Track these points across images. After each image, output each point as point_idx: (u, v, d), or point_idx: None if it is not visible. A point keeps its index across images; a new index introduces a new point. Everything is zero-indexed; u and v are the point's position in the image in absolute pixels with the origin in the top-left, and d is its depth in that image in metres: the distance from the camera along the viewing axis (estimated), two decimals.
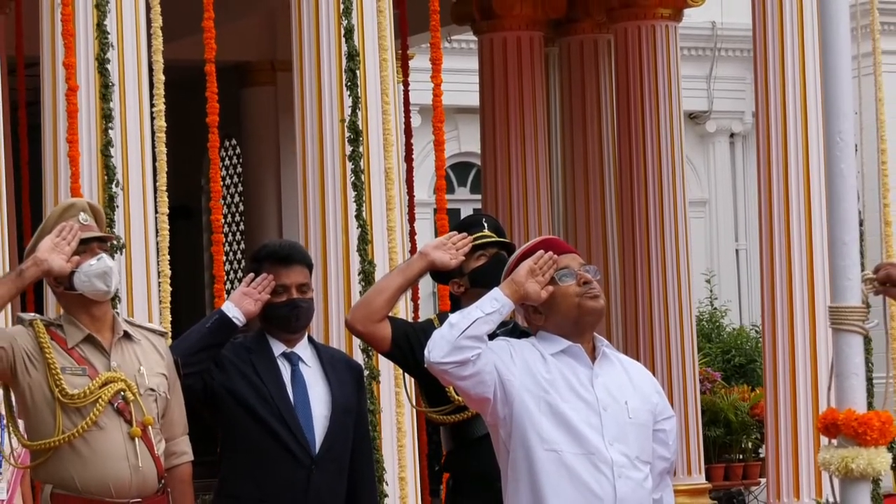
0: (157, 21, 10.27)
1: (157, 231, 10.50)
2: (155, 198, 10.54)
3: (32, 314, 6.07)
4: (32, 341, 5.85)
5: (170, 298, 10.27)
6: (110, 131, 10.24)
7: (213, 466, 6.40)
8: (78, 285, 5.88)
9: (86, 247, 5.88)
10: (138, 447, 5.85)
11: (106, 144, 10.22)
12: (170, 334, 9.55)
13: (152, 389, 5.95)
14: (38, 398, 5.82)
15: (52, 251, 5.80)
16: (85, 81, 10.24)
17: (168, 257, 10.29)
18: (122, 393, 5.86)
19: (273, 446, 6.24)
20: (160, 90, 10.26)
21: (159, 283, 10.36)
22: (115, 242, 9.86)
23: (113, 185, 10.20)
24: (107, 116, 10.25)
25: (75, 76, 10.13)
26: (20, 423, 5.97)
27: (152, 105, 10.35)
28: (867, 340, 5.03)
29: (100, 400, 5.81)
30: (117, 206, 10.21)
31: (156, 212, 10.54)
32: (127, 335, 6.01)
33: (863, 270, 4.85)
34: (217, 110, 10.75)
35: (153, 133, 10.40)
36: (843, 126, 4.99)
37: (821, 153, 11.19)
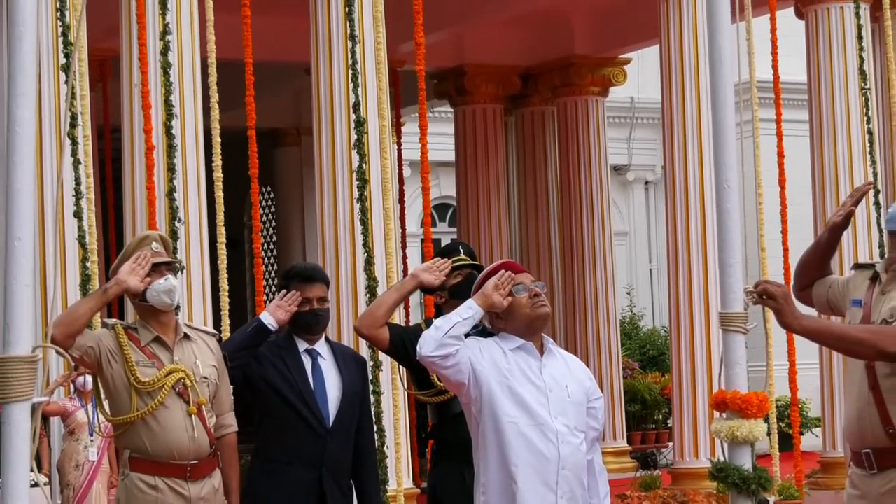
0: (215, 97, 10.24)
1: (209, 257, 10.47)
2: (209, 231, 10.52)
3: (114, 320, 6.05)
4: (114, 341, 5.83)
5: (228, 308, 10.26)
6: (174, 180, 10.22)
7: (251, 436, 6.38)
8: (149, 299, 5.86)
9: (156, 269, 5.87)
10: (194, 422, 5.83)
11: (170, 191, 10.18)
12: (227, 333, 9.55)
13: (205, 377, 5.92)
14: (119, 384, 5.80)
15: (130, 274, 5.78)
16: (157, 143, 10.22)
17: (226, 276, 10.26)
18: (183, 380, 5.83)
19: (297, 420, 6.22)
20: (217, 149, 10.22)
21: (216, 296, 10.29)
22: (180, 265, 9.85)
23: (176, 222, 10.18)
24: (171, 168, 10.21)
25: (152, 138, 10.11)
26: (105, 403, 5.96)
27: (210, 160, 10.32)
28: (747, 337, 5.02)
29: (165, 386, 5.79)
30: (179, 238, 10.18)
31: (210, 242, 10.51)
32: (186, 336, 5.98)
33: (745, 286, 4.84)
34: (256, 165, 10.73)
35: (210, 182, 10.35)
36: (729, 176, 4.98)
37: (713, 196, 11.21)
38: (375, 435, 8.10)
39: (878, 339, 4.66)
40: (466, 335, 5.13)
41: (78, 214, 9.94)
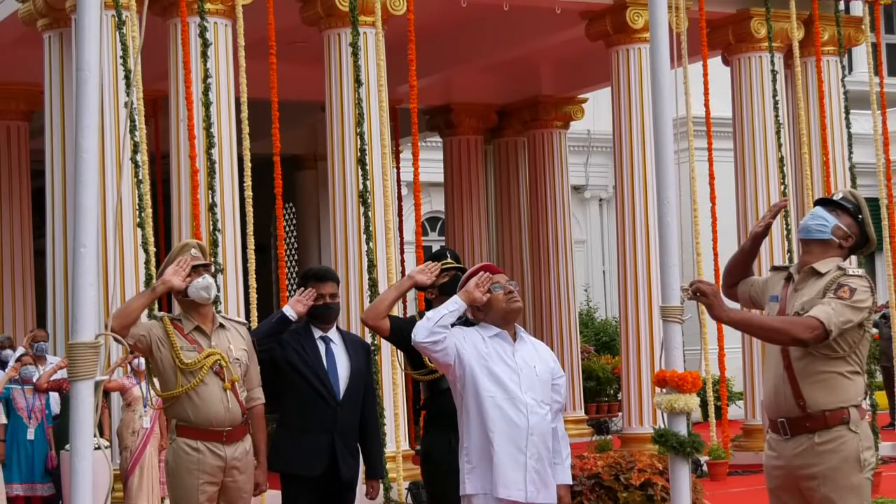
0: (246, 129, 10.29)
1: (242, 261, 10.48)
2: (243, 240, 10.53)
3: (162, 312, 6.09)
4: (162, 330, 5.85)
5: (256, 302, 10.25)
6: (214, 196, 10.23)
7: (276, 407, 6.37)
8: (190, 295, 5.87)
9: (195, 270, 5.88)
10: (229, 396, 5.85)
11: (212, 206, 10.20)
12: (255, 323, 9.54)
13: (237, 359, 5.94)
14: (166, 366, 5.82)
15: (173, 275, 5.80)
16: (199, 167, 10.23)
17: (255, 276, 10.27)
18: (219, 361, 5.85)
19: (313, 394, 6.22)
20: (248, 172, 10.26)
21: (247, 292, 10.31)
22: (216, 267, 9.85)
23: (216, 232, 10.19)
24: (211, 188, 10.22)
25: (196, 163, 10.14)
26: (156, 381, 5.95)
27: (242, 181, 10.34)
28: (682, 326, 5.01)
29: (204, 366, 5.81)
30: (219, 245, 10.19)
31: (242, 248, 10.52)
32: (222, 325, 5.99)
33: (681, 284, 4.84)
34: (281, 185, 10.74)
35: (242, 199, 10.38)
36: (669, 194, 4.95)
37: (655, 211, 11.24)
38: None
39: (792, 328, 4.68)
40: (453, 325, 5.13)
41: (141, 225, 9.98)
